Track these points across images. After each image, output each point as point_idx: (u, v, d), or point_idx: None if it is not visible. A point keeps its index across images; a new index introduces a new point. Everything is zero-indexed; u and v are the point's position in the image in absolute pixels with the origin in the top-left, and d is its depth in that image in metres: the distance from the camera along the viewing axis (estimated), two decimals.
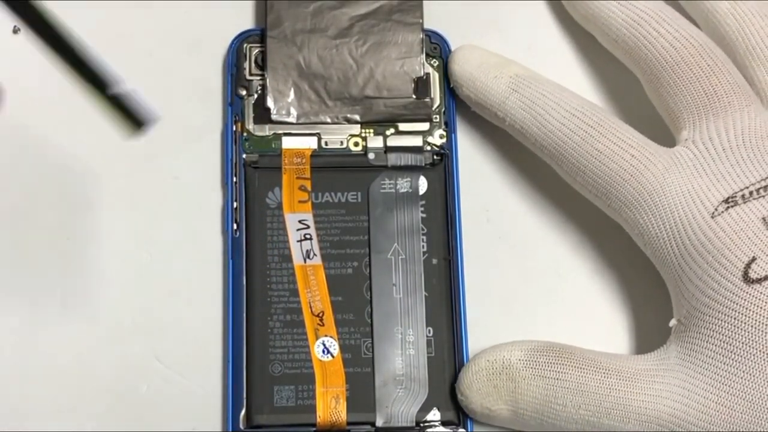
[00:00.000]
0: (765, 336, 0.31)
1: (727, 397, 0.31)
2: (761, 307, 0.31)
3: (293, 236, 0.36)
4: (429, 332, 0.36)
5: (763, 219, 0.32)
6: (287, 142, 0.37)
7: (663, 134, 0.36)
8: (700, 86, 0.35)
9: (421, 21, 0.38)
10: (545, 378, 0.33)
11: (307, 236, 0.36)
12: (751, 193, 0.33)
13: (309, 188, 0.37)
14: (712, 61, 0.35)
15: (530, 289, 0.38)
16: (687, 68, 0.35)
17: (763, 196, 0.33)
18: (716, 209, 0.33)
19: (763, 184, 0.33)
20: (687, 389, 0.32)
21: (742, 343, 0.31)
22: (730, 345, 0.31)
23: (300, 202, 0.37)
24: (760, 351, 0.31)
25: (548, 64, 0.39)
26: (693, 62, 0.35)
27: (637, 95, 0.38)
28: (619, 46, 0.37)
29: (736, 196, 0.33)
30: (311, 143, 0.37)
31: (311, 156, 0.37)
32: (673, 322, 0.33)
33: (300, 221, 0.36)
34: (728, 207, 0.33)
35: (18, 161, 0.38)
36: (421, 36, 0.38)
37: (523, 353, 0.34)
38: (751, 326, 0.31)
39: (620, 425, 0.32)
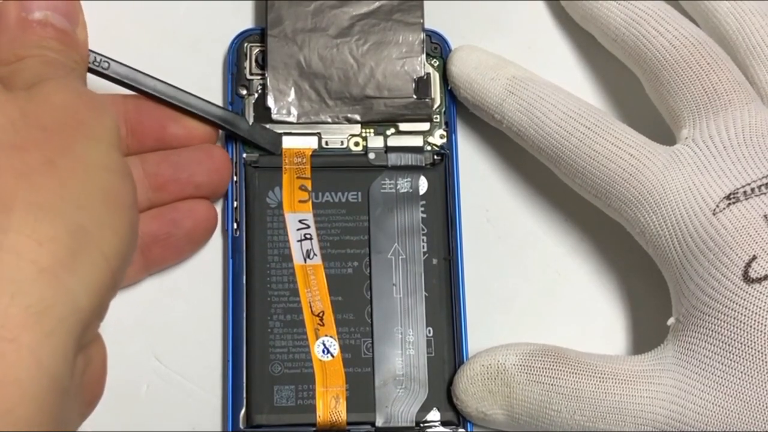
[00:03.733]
0: (764, 337, 0.31)
1: (724, 398, 0.31)
2: (760, 307, 0.31)
3: (293, 236, 0.36)
4: (429, 332, 0.36)
5: (765, 216, 0.32)
6: (288, 142, 0.37)
7: (664, 133, 0.36)
8: (700, 84, 0.35)
9: (421, 21, 0.38)
10: (540, 383, 0.33)
11: (308, 236, 0.36)
12: (753, 189, 0.33)
13: (309, 188, 0.37)
14: (711, 59, 0.35)
15: (530, 288, 0.38)
16: (687, 66, 0.35)
17: (765, 193, 0.33)
18: (717, 206, 0.33)
19: (765, 180, 0.33)
20: (683, 390, 0.32)
21: (740, 343, 0.31)
22: (728, 345, 0.31)
23: (300, 201, 0.37)
24: (757, 352, 0.31)
25: (548, 63, 0.39)
26: (692, 60, 0.35)
27: (638, 94, 0.38)
28: (619, 45, 0.37)
29: (737, 193, 0.33)
30: (312, 143, 0.37)
31: (311, 156, 0.37)
32: (671, 321, 0.33)
33: (300, 221, 0.36)
34: (730, 204, 0.33)
35: None
36: (422, 36, 0.38)
37: (518, 358, 0.33)
38: (750, 326, 0.31)
39: (616, 428, 0.32)
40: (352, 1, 0.38)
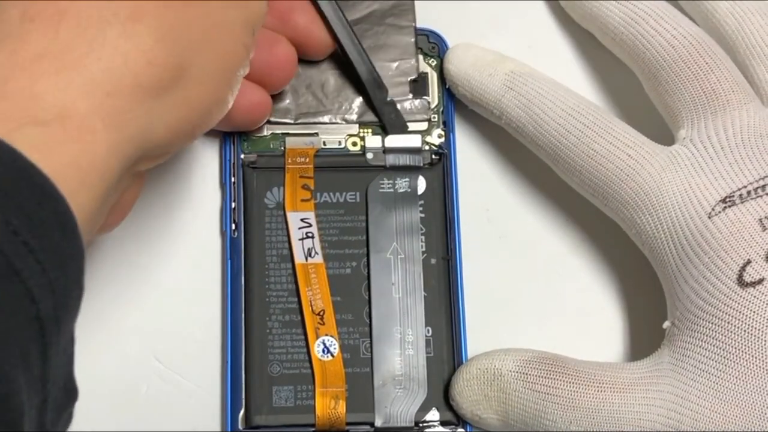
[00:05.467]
0: (758, 341, 0.30)
1: (720, 403, 0.31)
2: (755, 311, 0.31)
3: (295, 234, 0.36)
4: (428, 332, 0.36)
5: (760, 220, 0.32)
6: (291, 142, 0.37)
7: (663, 132, 0.36)
8: (699, 84, 0.35)
9: (413, 24, 0.38)
10: (536, 392, 0.33)
11: (309, 234, 0.36)
12: (749, 192, 0.32)
13: (312, 187, 0.37)
14: (710, 59, 0.35)
15: (529, 288, 0.38)
16: (685, 66, 0.35)
17: (761, 196, 0.32)
18: (713, 209, 0.32)
19: (761, 183, 0.33)
20: (680, 396, 0.31)
21: (735, 348, 0.31)
22: (723, 349, 0.31)
23: (303, 201, 0.36)
24: (752, 356, 0.31)
25: (548, 63, 0.38)
26: (691, 60, 0.35)
27: (638, 93, 0.38)
28: (618, 44, 0.37)
29: (733, 196, 0.33)
30: (315, 143, 0.37)
31: (314, 156, 0.37)
32: (666, 324, 0.33)
33: (302, 219, 0.36)
34: (725, 207, 0.32)
35: None
36: (414, 38, 0.38)
37: (515, 364, 0.33)
38: (745, 331, 0.31)
39: None
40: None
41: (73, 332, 0.25)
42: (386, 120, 0.37)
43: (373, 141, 0.38)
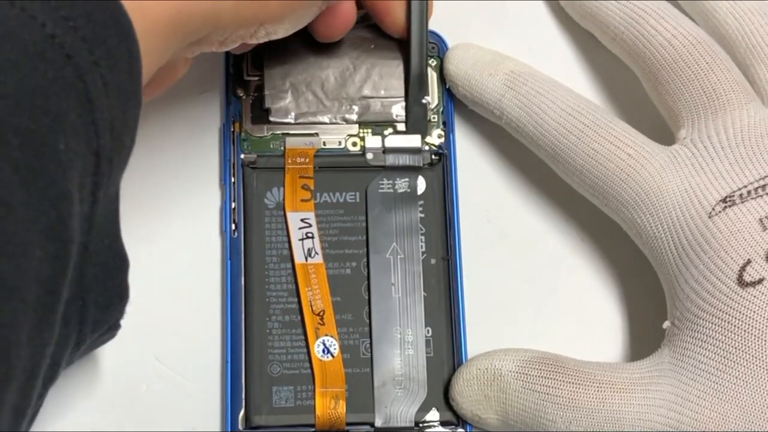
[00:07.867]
0: (758, 341, 0.31)
1: (720, 403, 0.31)
2: (755, 311, 0.31)
3: (295, 234, 0.36)
4: (428, 332, 0.36)
5: (760, 220, 0.32)
6: (291, 142, 0.37)
7: (664, 132, 0.36)
8: (699, 84, 0.35)
9: None
10: (536, 392, 0.33)
11: (309, 234, 0.36)
12: (749, 192, 0.32)
13: (312, 187, 0.37)
14: (710, 58, 0.35)
15: (529, 288, 0.38)
16: (685, 66, 0.35)
17: (761, 196, 0.32)
18: (713, 209, 0.33)
19: (761, 183, 0.33)
20: (680, 396, 0.31)
21: (735, 348, 0.31)
22: (723, 350, 0.31)
23: (302, 201, 0.37)
24: (753, 356, 0.31)
25: (548, 63, 0.38)
26: (691, 60, 0.35)
27: (638, 93, 0.38)
28: (618, 44, 0.37)
29: (733, 196, 0.33)
30: (315, 143, 0.37)
31: (314, 156, 0.37)
32: (666, 325, 0.33)
33: (302, 220, 0.36)
34: (726, 207, 0.32)
35: None
36: None
37: (515, 365, 0.33)
38: (745, 331, 0.31)
39: None
40: None
41: (119, 187, 0.26)
42: (411, 118, 0.38)
43: (373, 141, 0.38)
